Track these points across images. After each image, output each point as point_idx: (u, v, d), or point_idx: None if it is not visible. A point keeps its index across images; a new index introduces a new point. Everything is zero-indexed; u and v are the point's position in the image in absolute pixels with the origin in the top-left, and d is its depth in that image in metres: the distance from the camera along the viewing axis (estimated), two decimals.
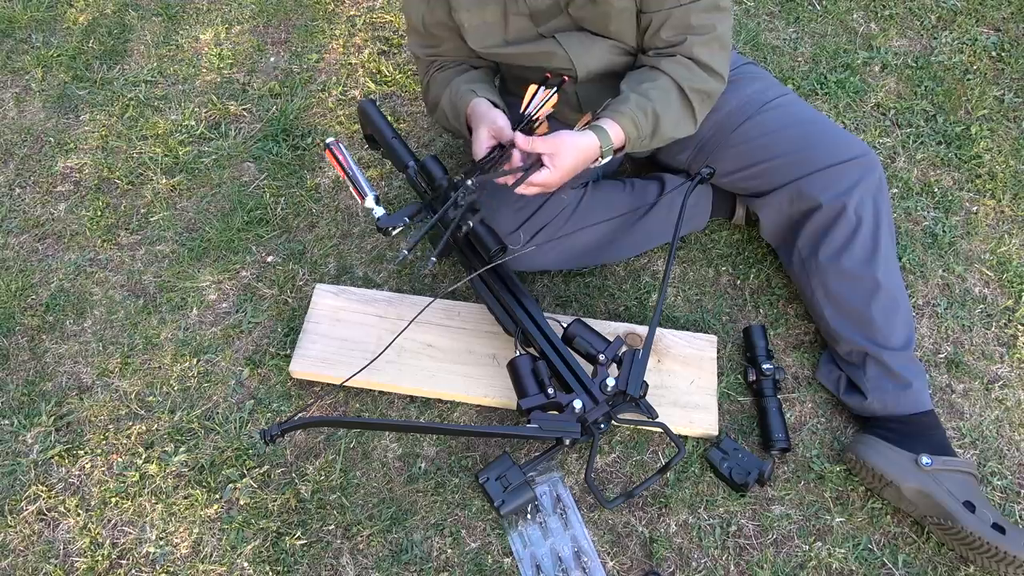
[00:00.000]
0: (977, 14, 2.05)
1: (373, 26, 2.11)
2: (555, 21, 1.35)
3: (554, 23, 1.35)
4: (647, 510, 1.38)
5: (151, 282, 1.68)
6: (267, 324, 1.61)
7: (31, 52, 2.10)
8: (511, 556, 1.34)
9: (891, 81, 1.93)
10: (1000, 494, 1.38)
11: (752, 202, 1.54)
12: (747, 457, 1.38)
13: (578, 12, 1.33)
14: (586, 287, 1.63)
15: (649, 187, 1.58)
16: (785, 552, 1.34)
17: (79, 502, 1.41)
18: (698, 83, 1.33)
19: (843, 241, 1.39)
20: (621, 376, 1.33)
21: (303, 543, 1.36)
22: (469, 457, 1.43)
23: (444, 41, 1.45)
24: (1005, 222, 1.71)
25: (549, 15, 1.34)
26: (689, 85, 1.32)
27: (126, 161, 1.87)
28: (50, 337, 1.61)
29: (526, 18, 1.35)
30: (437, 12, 1.39)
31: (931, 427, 1.35)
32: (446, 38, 1.44)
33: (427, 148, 1.87)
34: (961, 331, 1.56)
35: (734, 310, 1.60)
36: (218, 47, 2.08)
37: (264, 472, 1.43)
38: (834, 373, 1.47)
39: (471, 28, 1.37)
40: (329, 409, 1.50)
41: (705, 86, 1.34)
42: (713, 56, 1.32)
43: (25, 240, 1.76)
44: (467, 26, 1.37)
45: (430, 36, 1.46)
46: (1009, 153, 1.80)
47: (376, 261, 1.69)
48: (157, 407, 1.51)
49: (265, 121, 1.92)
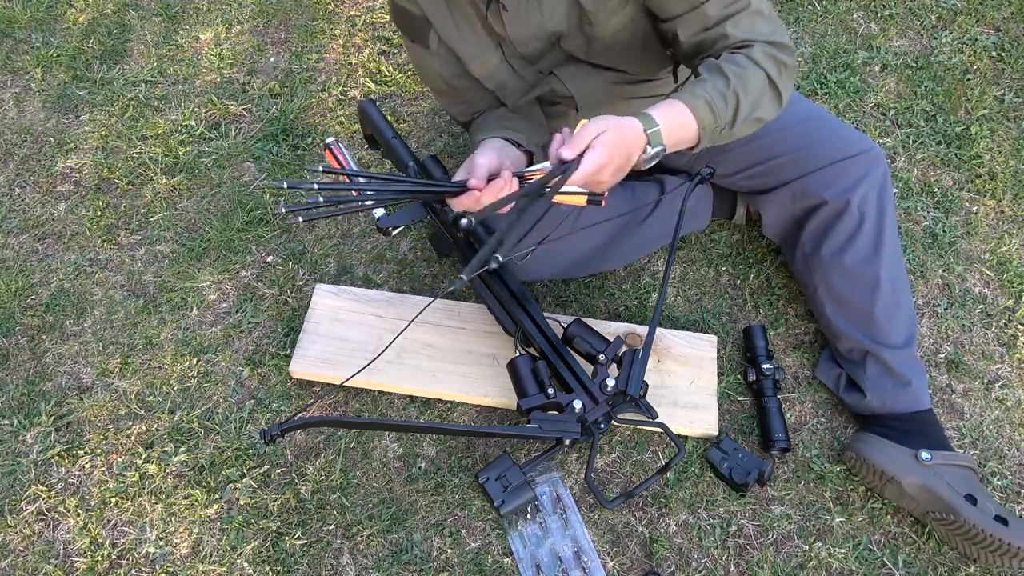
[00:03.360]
0: (977, 14, 2.05)
1: (373, 26, 2.11)
2: (550, 57, 1.33)
3: (549, 60, 1.33)
4: (647, 510, 1.38)
5: (151, 282, 1.68)
6: (267, 324, 1.61)
7: (31, 52, 2.10)
8: (511, 556, 1.34)
9: (891, 81, 1.93)
10: (1000, 494, 1.38)
11: (755, 199, 1.54)
12: (747, 457, 1.38)
13: (570, 45, 1.30)
14: (586, 287, 1.63)
15: (649, 189, 1.58)
16: (785, 552, 1.34)
17: (79, 502, 1.41)
18: (770, 51, 1.15)
19: (846, 238, 1.39)
20: (621, 376, 1.33)
21: (303, 543, 1.36)
22: (469, 457, 1.43)
23: (471, 91, 1.39)
24: (1005, 222, 1.71)
25: (543, 53, 1.32)
26: (764, 52, 1.14)
27: (126, 161, 1.87)
28: (50, 337, 1.61)
29: (522, 59, 1.33)
30: (451, 66, 1.35)
31: (930, 425, 1.35)
32: (472, 87, 1.38)
33: (427, 148, 1.87)
34: (961, 331, 1.56)
35: (734, 310, 1.60)
36: (218, 47, 2.08)
37: (264, 472, 1.43)
38: (834, 371, 1.47)
39: (483, 78, 1.34)
40: (329, 409, 1.50)
41: (779, 54, 1.15)
42: (760, 25, 1.16)
43: (25, 240, 1.76)
44: (480, 76, 1.34)
45: (456, 93, 1.40)
46: (1009, 153, 1.80)
47: (376, 261, 1.69)
48: (157, 407, 1.51)
49: (265, 121, 1.92)
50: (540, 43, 1.29)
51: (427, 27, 1.30)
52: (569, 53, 1.33)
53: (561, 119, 1.46)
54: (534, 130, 1.39)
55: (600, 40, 1.28)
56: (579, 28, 1.26)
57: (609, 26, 1.24)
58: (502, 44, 1.30)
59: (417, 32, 1.32)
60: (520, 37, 1.27)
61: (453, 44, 1.30)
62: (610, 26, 1.24)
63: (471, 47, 1.30)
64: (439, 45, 1.31)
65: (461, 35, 1.29)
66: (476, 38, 1.29)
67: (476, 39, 1.29)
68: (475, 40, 1.29)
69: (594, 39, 1.28)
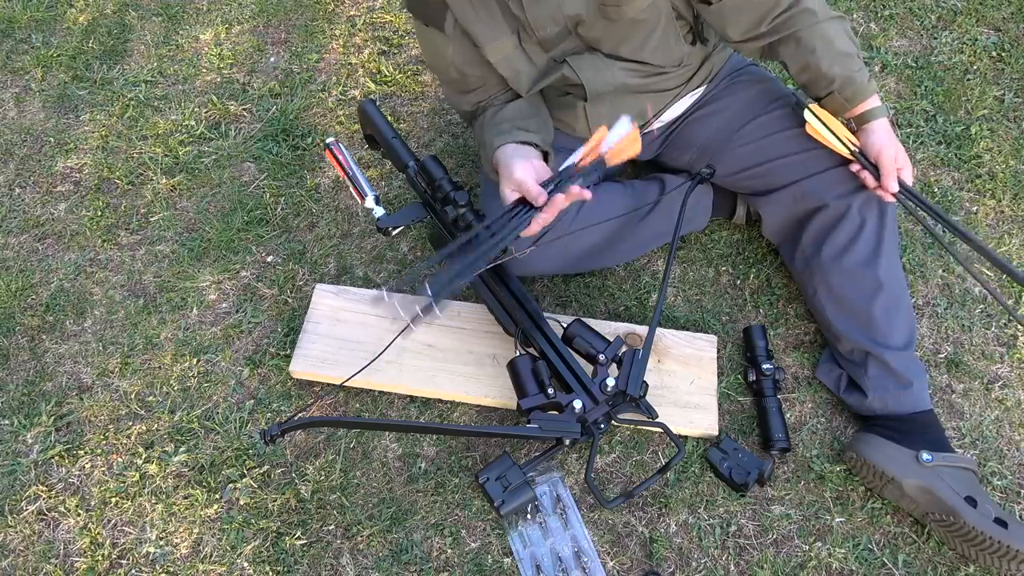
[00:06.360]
0: (977, 14, 2.05)
1: (373, 26, 2.11)
2: (565, 44, 1.34)
3: (564, 46, 1.34)
4: (647, 510, 1.38)
5: (151, 282, 1.68)
6: (267, 324, 1.61)
7: (31, 52, 2.10)
8: (511, 556, 1.34)
9: (891, 81, 1.93)
10: (1000, 494, 1.38)
11: (755, 200, 1.54)
12: (747, 457, 1.38)
13: (588, 33, 1.31)
14: (586, 287, 1.63)
15: (649, 188, 1.58)
16: (785, 552, 1.34)
17: (79, 502, 1.41)
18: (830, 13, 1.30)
19: (846, 240, 1.39)
20: (621, 376, 1.33)
21: (303, 543, 1.36)
22: (469, 457, 1.43)
23: (481, 79, 1.38)
24: (1005, 222, 1.71)
25: (559, 40, 1.32)
26: (828, 17, 1.30)
27: (126, 161, 1.87)
28: (50, 337, 1.61)
29: (537, 46, 1.33)
30: (465, 52, 1.34)
31: (930, 425, 1.35)
32: (482, 75, 1.38)
33: (427, 148, 1.87)
34: (961, 331, 1.56)
35: (734, 310, 1.60)
36: (218, 47, 2.08)
37: (264, 472, 1.43)
38: (834, 371, 1.47)
39: (497, 63, 1.34)
40: (329, 409, 1.50)
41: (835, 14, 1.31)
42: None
43: (25, 240, 1.76)
44: (494, 61, 1.34)
45: (465, 81, 1.39)
46: (1009, 153, 1.80)
47: (376, 261, 1.69)
48: (157, 407, 1.51)
49: (265, 121, 1.92)
50: (557, 27, 1.29)
51: (444, 9, 1.30)
52: (586, 43, 1.33)
53: (569, 110, 1.47)
54: (545, 128, 1.39)
55: (620, 27, 1.29)
56: (599, 14, 1.27)
57: (634, 7, 1.25)
58: (519, 29, 1.31)
59: (433, 15, 1.32)
60: (538, 19, 1.28)
61: (470, 27, 1.30)
62: (635, 7, 1.25)
63: (487, 30, 1.30)
64: (455, 28, 1.31)
65: (478, 17, 1.29)
66: (493, 21, 1.29)
67: (493, 22, 1.29)
68: (492, 23, 1.30)
69: (614, 25, 1.28)
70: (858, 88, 1.30)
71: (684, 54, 1.41)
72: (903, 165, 1.32)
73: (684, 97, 1.51)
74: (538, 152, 1.33)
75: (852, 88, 1.30)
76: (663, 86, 1.45)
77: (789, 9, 1.28)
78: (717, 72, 1.53)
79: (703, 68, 1.49)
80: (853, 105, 1.32)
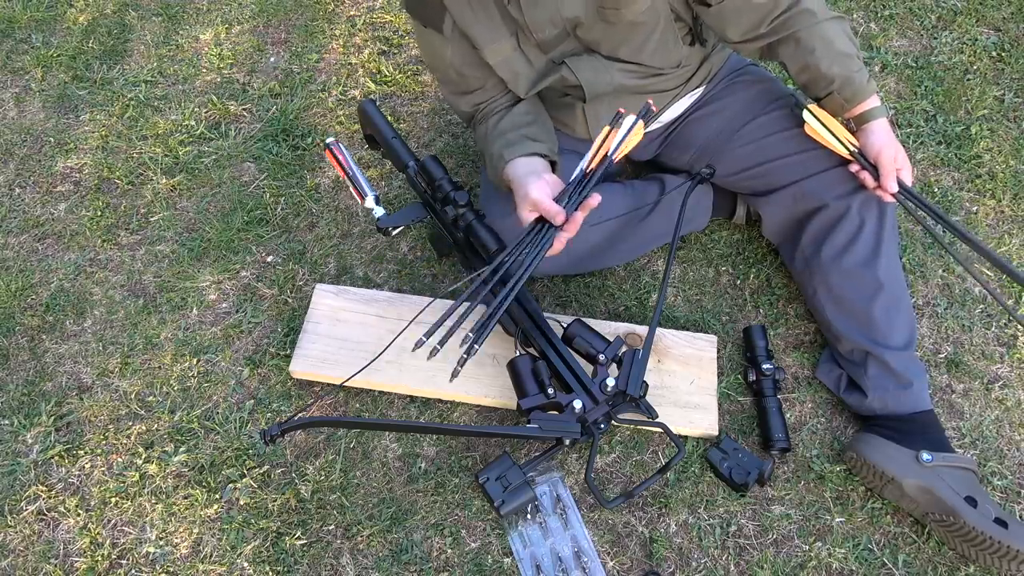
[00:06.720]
0: (977, 14, 2.05)
1: (373, 26, 2.11)
2: (564, 46, 1.34)
3: (563, 48, 1.34)
4: (647, 510, 1.38)
5: (151, 282, 1.68)
6: (267, 324, 1.61)
7: (31, 52, 2.10)
8: (511, 556, 1.34)
9: (891, 81, 1.93)
10: (1000, 494, 1.38)
11: (754, 200, 1.54)
12: (747, 457, 1.38)
13: (587, 35, 1.31)
14: (586, 287, 1.63)
15: (649, 188, 1.58)
16: (785, 552, 1.34)
17: (79, 502, 1.41)
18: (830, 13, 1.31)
19: (846, 241, 1.39)
20: (621, 376, 1.33)
21: (303, 543, 1.36)
22: (469, 457, 1.43)
23: (480, 80, 1.39)
24: (1005, 222, 1.71)
25: (557, 42, 1.32)
26: (827, 17, 1.30)
27: (126, 161, 1.87)
28: (50, 337, 1.61)
29: (536, 48, 1.33)
30: (463, 53, 1.34)
31: (930, 425, 1.35)
32: (481, 76, 1.38)
33: (427, 148, 1.87)
34: (961, 331, 1.56)
35: (734, 310, 1.60)
36: (218, 47, 2.08)
37: (264, 472, 1.43)
38: (834, 371, 1.47)
39: (496, 65, 1.34)
40: (329, 409, 1.50)
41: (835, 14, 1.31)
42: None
43: (25, 240, 1.76)
44: (493, 63, 1.34)
45: (464, 82, 1.39)
46: (1009, 153, 1.80)
47: (376, 261, 1.69)
48: (157, 407, 1.51)
49: (265, 121, 1.93)
50: (556, 29, 1.29)
51: (442, 11, 1.30)
52: (585, 45, 1.33)
53: (568, 111, 1.47)
54: (550, 134, 1.39)
55: (618, 29, 1.29)
56: (598, 16, 1.27)
57: (633, 9, 1.25)
58: (518, 31, 1.31)
59: (431, 16, 1.32)
60: (536, 21, 1.28)
61: (468, 29, 1.30)
62: (633, 10, 1.25)
63: (486, 32, 1.30)
64: (453, 30, 1.32)
65: (477, 20, 1.29)
66: (491, 23, 1.29)
67: (491, 24, 1.29)
68: (490, 25, 1.30)
69: (612, 28, 1.28)
70: (857, 88, 1.30)
71: (683, 55, 1.41)
72: (902, 165, 1.32)
73: (683, 98, 1.51)
74: (546, 163, 1.33)
75: (851, 88, 1.30)
76: (662, 87, 1.45)
77: (789, 10, 1.29)
78: (716, 72, 1.53)
79: (702, 69, 1.49)
80: (853, 105, 1.32)
